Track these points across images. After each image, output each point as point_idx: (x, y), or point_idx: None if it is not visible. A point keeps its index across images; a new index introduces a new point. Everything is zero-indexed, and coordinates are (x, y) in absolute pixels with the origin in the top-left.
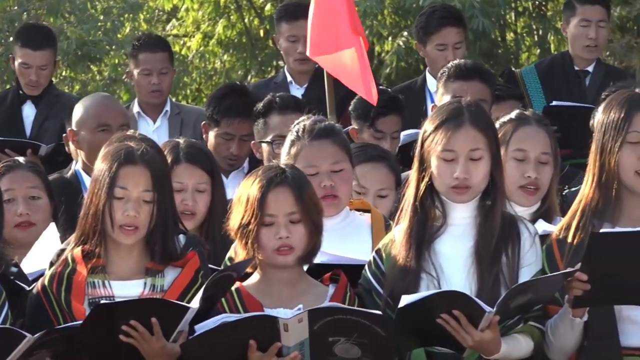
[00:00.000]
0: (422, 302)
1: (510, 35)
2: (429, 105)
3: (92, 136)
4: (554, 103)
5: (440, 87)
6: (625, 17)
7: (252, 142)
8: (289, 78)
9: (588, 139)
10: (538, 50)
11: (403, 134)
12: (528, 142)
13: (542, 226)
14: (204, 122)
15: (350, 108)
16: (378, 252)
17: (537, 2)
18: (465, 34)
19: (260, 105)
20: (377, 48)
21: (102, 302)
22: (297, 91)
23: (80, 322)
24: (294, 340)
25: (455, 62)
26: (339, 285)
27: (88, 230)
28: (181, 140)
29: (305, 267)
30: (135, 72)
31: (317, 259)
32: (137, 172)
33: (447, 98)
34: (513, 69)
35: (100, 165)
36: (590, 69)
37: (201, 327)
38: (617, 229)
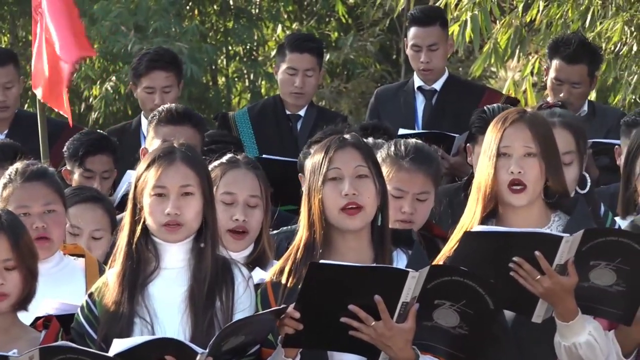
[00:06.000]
0: (134, 350)
1: (221, 80)
2: None
3: None
4: (263, 156)
5: (151, 130)
6: (334, 62)
7: None
8: None
9: (298, 191)
10: (249, 95)
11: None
12: (236, 185)
13: (258, 274)
14: None
15: (64, 149)
16: (91, 296)
17: (248, 47)
18: (177, 79)
19: None
20: (85, 92)
21: None
22: None
23: None
24: None
25: (167, 106)
26: (49, 330)
27: None
28: None
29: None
30: None
31: (48, 311)
32: None
33: (157, 142)
34: (226, 112)
35: None
36: (302, 112)
37: None
38: (336, 262)
